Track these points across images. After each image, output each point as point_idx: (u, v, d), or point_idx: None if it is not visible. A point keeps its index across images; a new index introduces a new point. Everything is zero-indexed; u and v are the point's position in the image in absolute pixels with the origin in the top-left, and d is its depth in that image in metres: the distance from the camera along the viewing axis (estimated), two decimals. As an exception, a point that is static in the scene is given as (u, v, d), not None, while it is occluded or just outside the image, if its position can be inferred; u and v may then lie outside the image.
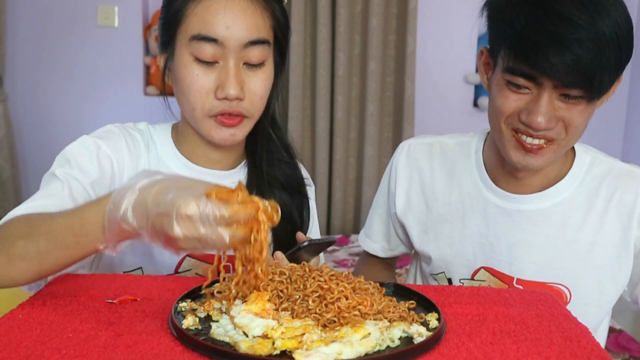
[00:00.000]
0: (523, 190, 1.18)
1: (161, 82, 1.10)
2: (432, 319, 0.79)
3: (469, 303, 0.89)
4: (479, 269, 1.23)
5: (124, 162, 1.07)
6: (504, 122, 1.09)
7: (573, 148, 1.20)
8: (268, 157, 1.16)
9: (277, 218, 0.74)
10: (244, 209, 0.70)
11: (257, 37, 1.00)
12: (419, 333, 0.74)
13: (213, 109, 1.02)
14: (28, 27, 3.20)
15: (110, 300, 0.85)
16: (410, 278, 1.44)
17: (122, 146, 1.08)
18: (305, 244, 0.99)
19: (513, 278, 1.20)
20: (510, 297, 0.93)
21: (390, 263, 1.47)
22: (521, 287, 1.18)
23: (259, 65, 1.03)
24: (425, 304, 0.85)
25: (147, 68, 3.22)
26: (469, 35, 3.11)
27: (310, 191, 1.26)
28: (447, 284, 1.28)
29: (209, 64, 1.00)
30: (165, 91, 1.16)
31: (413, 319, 0.78)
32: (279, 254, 0.98)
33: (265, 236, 0.72)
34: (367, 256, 1.46)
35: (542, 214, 1.18)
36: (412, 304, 0.84)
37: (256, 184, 1.15)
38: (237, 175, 1.17)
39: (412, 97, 3.04)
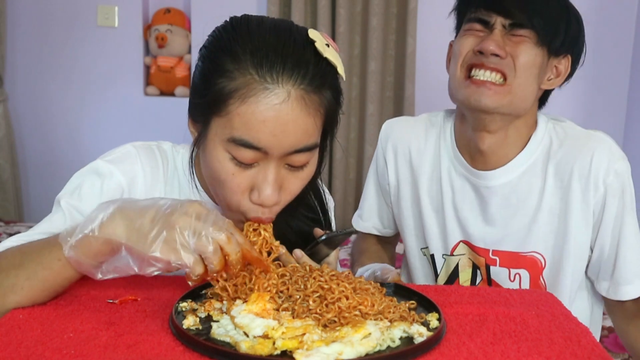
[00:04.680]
0: (489, 166, 1.23)
1: (192, 145, 0.99)
2: (433, 319, 0.79)
3: (470, 303, 0.89)
4: (459, 242, 1.29)
5: (137, 189, 1.02)
6: (460, 65, 1.18)
7: (536, 120, 1.25)
8: (294, 213, 1.05)
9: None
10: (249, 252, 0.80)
11: (305, 144, 0.87)
12: (420, 333, 0.74)
13: (245, 213, 0.91)
14: (28, 27, 3.20)
15: (110, 300, 0.85)
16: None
17: (137, 169, 1.02)
18: (324, 237, 0.96)
19: (489, 250, 1.26)
20: (510, 297, 0.93)
21: (387, 241, 1.50)
22: (497, 258, 1.26)
23: (302, 166, 0.91)
24: (425, 304, 0.85)
25: (147, 68, 3.21)
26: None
27: (330, 208, 1.22)
28: (430, 260, 1.34)
29: (247, 165, 0.88)
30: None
31: (413, 319, 0.78)
32: (298, 252, 0.95)
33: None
34: (362, 237, 1.50)
35: (508, 186, 1.22)
36: (413, 304, 0.84)
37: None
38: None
39: (412, 97, 3.04)
